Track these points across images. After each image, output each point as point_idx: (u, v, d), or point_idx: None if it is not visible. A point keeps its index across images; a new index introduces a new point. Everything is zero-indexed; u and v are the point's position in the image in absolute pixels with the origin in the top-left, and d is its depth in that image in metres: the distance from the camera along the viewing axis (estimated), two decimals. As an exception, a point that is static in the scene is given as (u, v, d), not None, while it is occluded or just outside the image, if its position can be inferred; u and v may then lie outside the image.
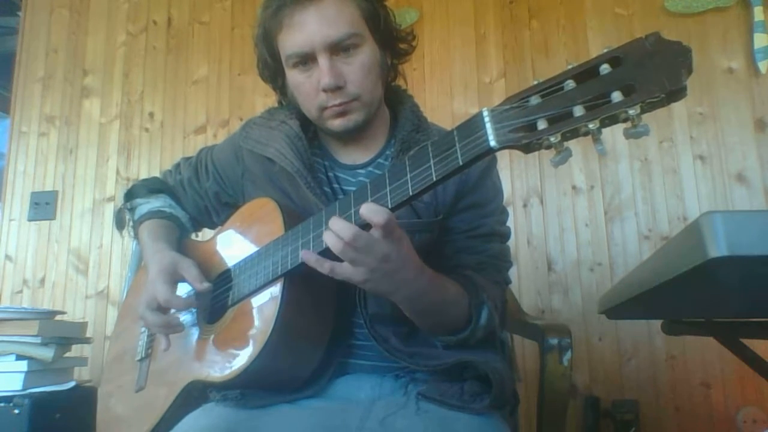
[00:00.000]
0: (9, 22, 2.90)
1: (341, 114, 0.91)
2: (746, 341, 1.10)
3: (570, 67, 0.60)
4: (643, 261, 0.77)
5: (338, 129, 0.92)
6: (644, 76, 0.55)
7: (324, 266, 0.73)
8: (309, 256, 0.74)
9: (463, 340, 0.86)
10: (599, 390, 1.90)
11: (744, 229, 0.43)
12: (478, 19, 2.23)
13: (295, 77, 0.92)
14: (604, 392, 1.89)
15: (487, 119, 0.63)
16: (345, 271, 0.73)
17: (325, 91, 0.88)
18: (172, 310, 0.91)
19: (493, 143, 0.62)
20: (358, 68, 0.90)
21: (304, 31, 0.87)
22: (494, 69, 2.18)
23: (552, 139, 0.58)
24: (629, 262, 1.95)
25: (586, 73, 0.59)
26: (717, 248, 0.43)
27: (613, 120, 0.57)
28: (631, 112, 0.55)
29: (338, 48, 0.88)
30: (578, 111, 0.58)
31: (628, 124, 0.56)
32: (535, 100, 0.61)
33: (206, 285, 0.89)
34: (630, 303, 0.84)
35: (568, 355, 1.05)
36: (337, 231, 0.70)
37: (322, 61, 0.88)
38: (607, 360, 1.92)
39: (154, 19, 2.46)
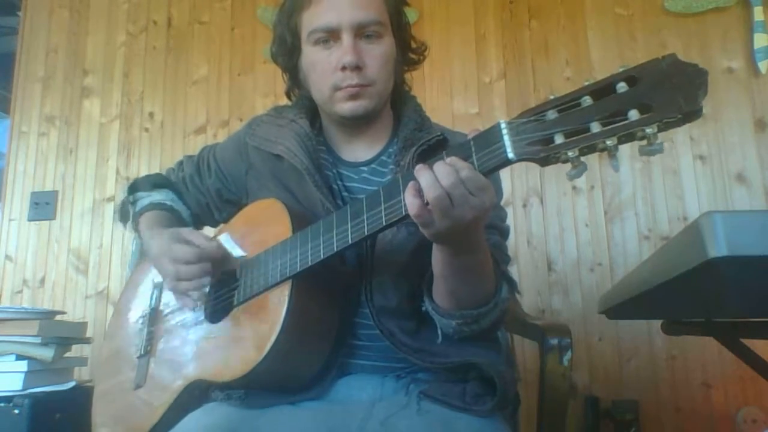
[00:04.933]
0: (9, 22, 2.90)
1: (354, 96, 0.91)
2: (746, 341, 1.10)
3: (587, 83, 0.62)
4: (643, 261, 0.77)
5: (347, 113, 0.93)
6: (661, 96, 0.57)
7: (415, 201, 0.68)
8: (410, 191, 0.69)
9: (483, 316, 0.83)
10: (599, 390, 1.90)
11: (744, 229, 0.43)
12: (478, 19, 2.23)
13: (313, 54, 0.93)
14: (604, 392, 1.89)
15: (504, 131, 0.64)
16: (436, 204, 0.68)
17: (344, 69, 0.89)
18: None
19: (511, 155, 0.63)
20: (379, 56, 0.92)
21: (335, 9, 0.90)
22: (494, 69, 2.18)
23: (570, 153, 0.60)
24: (629, 262, 1.95)
25: (603, 90, 0.61)
26: (717, 248, 0.43)
27: (629, 138, 0.58)
28: (648, 130, 0.56)
29: (363, 32, 0.91)
30: (595, 127, 0.59)
31: (644, 142, 0.57)
32: (552, 114, 0.62)
33: (216, 244, 0.91)
34: (630, 303, 0.84)
35: (568, 355, 1.05)
36: (439, 175, 0.67)
37: (347, 38, 0.89)
38: (607, 360, 1.92)
39: (154, 19, 2.46)
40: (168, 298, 1.03)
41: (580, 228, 2.02)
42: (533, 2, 2.20)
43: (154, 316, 1.03)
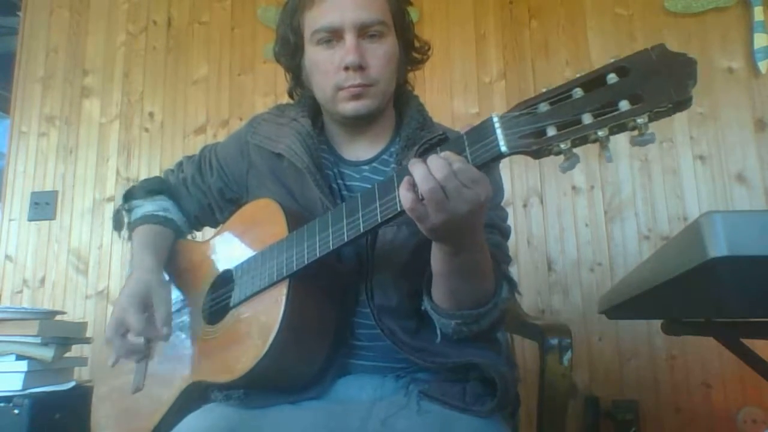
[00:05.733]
0: (9, 22, 2.90)
1: (356, 96, 0.91)
2: (746, 341, 1.10)
3: (578, 75, 0.62)
4: (643, 261, 0.77)
5: (350, 113, 0.92)
6: (651, 86, 0.57)
7: (409, 195, 0.68)
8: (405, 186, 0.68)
9: (482, 316, 0.83)
10: (599, 390, 1.90)
11: (744, 229, 0.43)
12: (478, 19, 2.23)
13: (316, 54, 0.93)
14: (604, 392, 1.89)
15: (497, 125, 0.64)
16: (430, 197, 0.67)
17: (347, 68, 0.89)
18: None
19: (504, 148, 0.63)
20: (381, 55, 0.92)
21: (337, 8, 0.90)
22: (494, 69, 2.18)
23: (562, 145, 0.60)
24: (629, 262, 1.95)
25: (593, 81, 0.61)
26: (717, 248, 0.43)
27: (621, 128, 0.58)
28: (639, 120, 0.57)
29: (366, 32, 0.91)
30: (587, 119, 0.59)
31: (635, 132, 0.58)
32: (543, 107, 0.62)
33: (167, 332, 0.88)
34: (630, 303, 0.84)
35: (568, 355, 1.05)
36: (432, 168, 0.66)
37: (349, 38, 0.89)
38: (607, 360, 1.92)
39: (154, 19, 2.46)
40: None
41: (580, 228, 2.02)
42: (533, 2, 2.20)
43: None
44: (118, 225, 1.12)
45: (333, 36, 0.91)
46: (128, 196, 1.12)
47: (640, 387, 1.89)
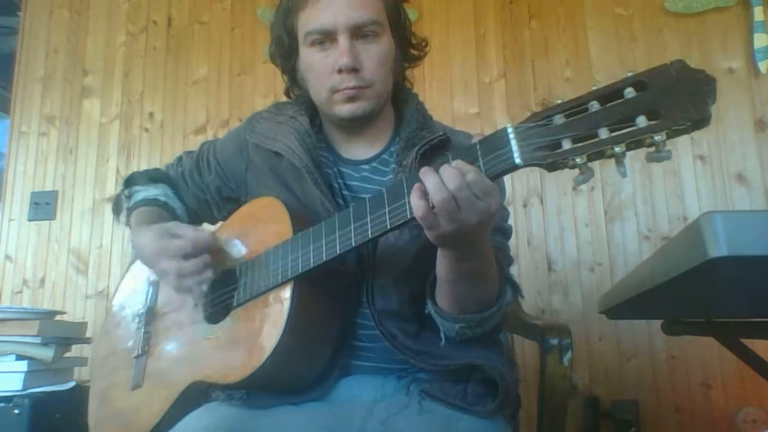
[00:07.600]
0: (9, 22, 2.90)
1: (352, 98, 0.90)
2: (746, 341, 1.10)
3: (595, 88, 0.61)
4: (643, 261, 0.77)
5: (346, 115, 0.92)
6: (670, 103, 0.56)
7: (421, 203, 0.67)
8: (416, 195, 0.68)
9: (486, 320, 0.83)
10: (599, 390, 1.90)
11: (744, 229, 0.43)
12: (478, 19, 2.23)
13: (310, 56, 0.92)
14: (604, 392, 1.89)
15: (511, 136, 0.63)
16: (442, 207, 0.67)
17: (341, 71, 0.88)
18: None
19: (518, 160, 0.62)
20: (375, 56, 0.91)
21: (330, 9, 0.89)
22: (494, 69, 2.18)
23: (578, 159, 0.59)
24: (629, 262, 1.95)
25: (610, 95, 0.60)
26: (717, 248, 0.43)
27: (638, 144, 0.57)
28: (657, 138, 0.56)
29: (359, 32, 0.89)
30: (603, 133, 0.58)
31: (652, 149, 0.56)
32: (559, 119, 0.61)
33: (205, 233, 0.89)
34: (630, 303, 0.84)
35: (568, 355, 1.05)
36: (445, 178, 0.66)
37: (343, 40, 0.88)
38: (607, 360, 1.92)
39: (154, 19, 2.46)
40: (164, 297, 1.02)
41: (580, 228, 2.02)
42: (533, 2, 2.20)
43: (150, 315, 1.02)
44: (117, 209, 1.11)
45: (326, 38, 0.90)
46: (129, 182, 1.11)
47: (640, 387, 1.89)
